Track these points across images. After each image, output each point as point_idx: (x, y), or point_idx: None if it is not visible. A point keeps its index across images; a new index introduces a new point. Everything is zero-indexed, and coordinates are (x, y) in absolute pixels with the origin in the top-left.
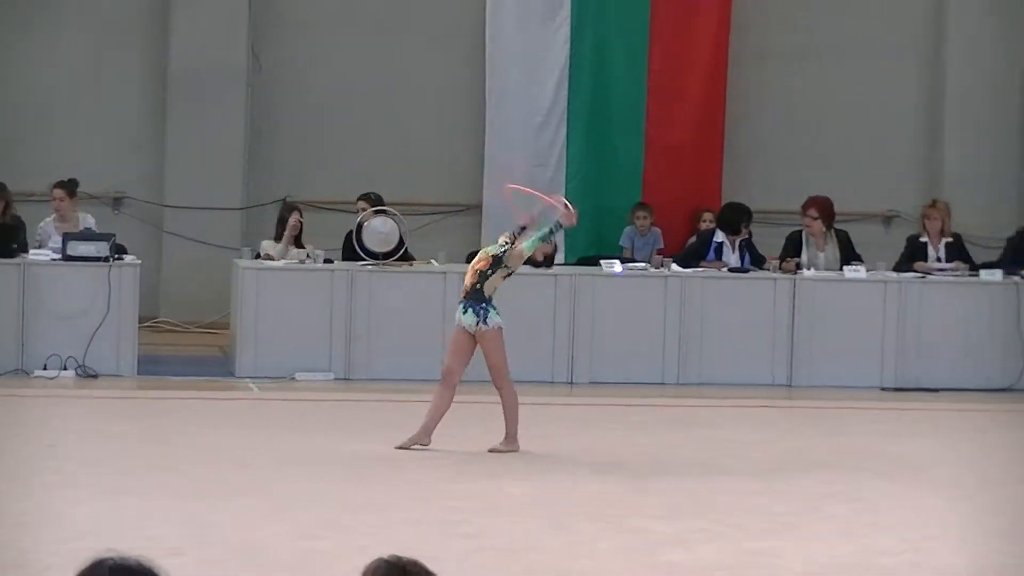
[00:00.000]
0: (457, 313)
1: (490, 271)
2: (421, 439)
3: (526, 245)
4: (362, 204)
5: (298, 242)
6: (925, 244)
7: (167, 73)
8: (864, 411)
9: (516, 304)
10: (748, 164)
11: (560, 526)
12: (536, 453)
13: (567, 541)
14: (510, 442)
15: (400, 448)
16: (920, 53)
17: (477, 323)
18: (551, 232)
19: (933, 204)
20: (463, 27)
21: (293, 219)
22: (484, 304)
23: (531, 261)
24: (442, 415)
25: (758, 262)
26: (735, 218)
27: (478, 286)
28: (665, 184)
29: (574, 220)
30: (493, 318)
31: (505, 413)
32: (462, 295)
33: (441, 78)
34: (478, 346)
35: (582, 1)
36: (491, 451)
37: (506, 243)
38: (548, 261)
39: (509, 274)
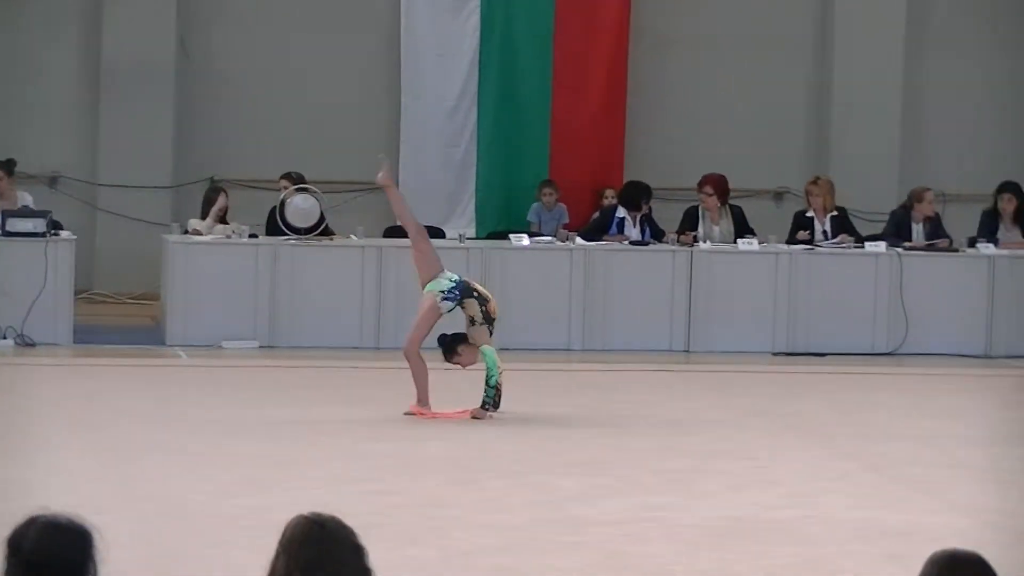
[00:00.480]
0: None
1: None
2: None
3: (487, 353)
4: (284, 183)
5: (223, 219)
6: (812, 219)
7: (100, 61)
8: (756, 374)
9: None
10: (648, 143)
11: (471, 483)
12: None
13: (478, 497)
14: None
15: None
16: (809, 39)
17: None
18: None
19: (815, 181)
20: (379, 17)
21: (221, 201)
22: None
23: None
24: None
25: (658, 236)
26: (636, 195)
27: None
28: (570, 162)
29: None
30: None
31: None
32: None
33: (358, 64)
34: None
35: None
36: (407, 414)
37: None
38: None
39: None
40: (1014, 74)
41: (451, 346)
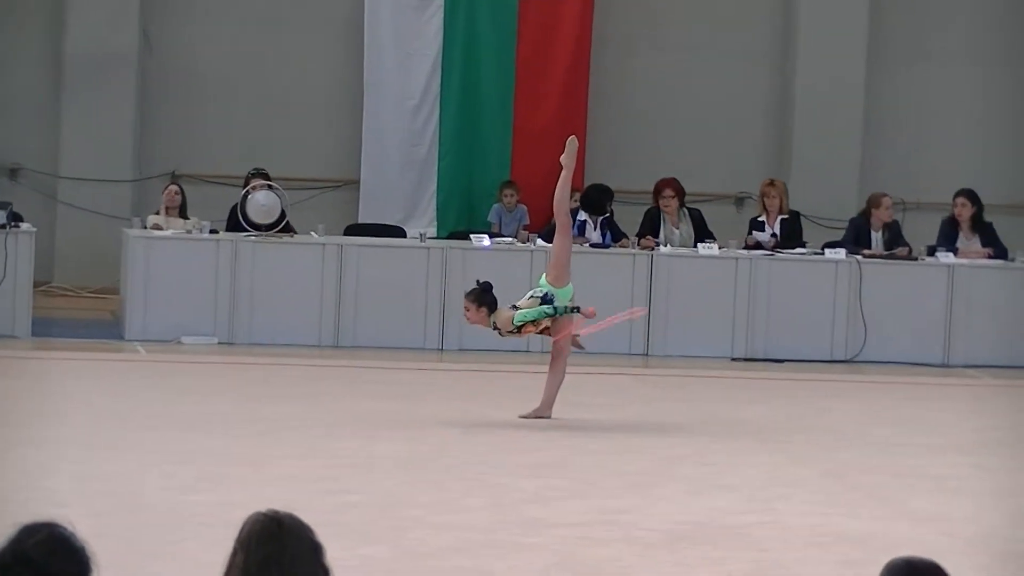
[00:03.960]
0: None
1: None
2: (543, 412)
3: (518, 315)
4: (257, 181)
5: (184, 214)
6: (763, 222)
7: (63, 53)
8: (714, 380)
9: (391, 275)
10: (609, 146)
11: (429, 483)
12: (408, 416)
13: (435, 498)
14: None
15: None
16: (771, 45)
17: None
18: (553, 312)
19: (771, 183)
20: (343, 15)
21: (168, 192)
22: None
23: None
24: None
25: (618, 239)
26: (598, 199)
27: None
28: (531, 164)
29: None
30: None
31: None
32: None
33: (322, 62)
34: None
35: None
36: (521, 416)
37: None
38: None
39: (497, 331)
40: (975, 83)
41: (482, 298)
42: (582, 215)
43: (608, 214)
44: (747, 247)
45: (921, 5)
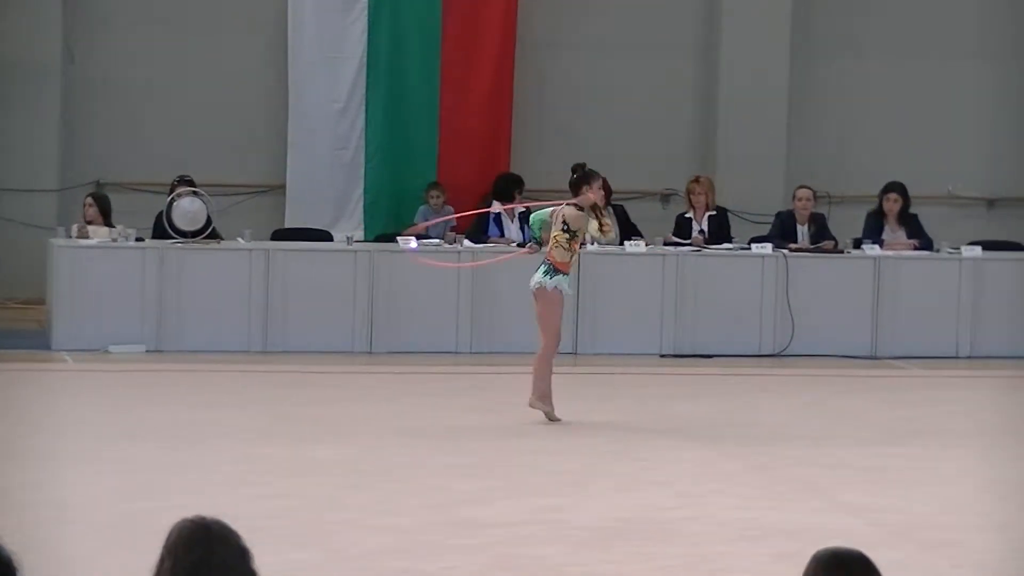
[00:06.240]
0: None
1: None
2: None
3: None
4: (182, 189)
5: (108, 222)
6: (690, 219)
7: None
8: (643, 376)
9: (319, 279)
10: (535, 146)
11: (363, 486)
12: (340, 419)
13: (369, 500)
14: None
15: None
16: (695, 41)
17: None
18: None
19: (697, 180)
20: (266, 18)
21: (84, 206)
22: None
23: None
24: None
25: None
26: (505, 187)
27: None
28: (457, 165)
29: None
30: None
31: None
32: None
33: (246, 67)
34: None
35: None
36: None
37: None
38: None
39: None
40: (898, 75)
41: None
42: (496, 207)
43: (524, 209)
44: (667, 243)
45: None
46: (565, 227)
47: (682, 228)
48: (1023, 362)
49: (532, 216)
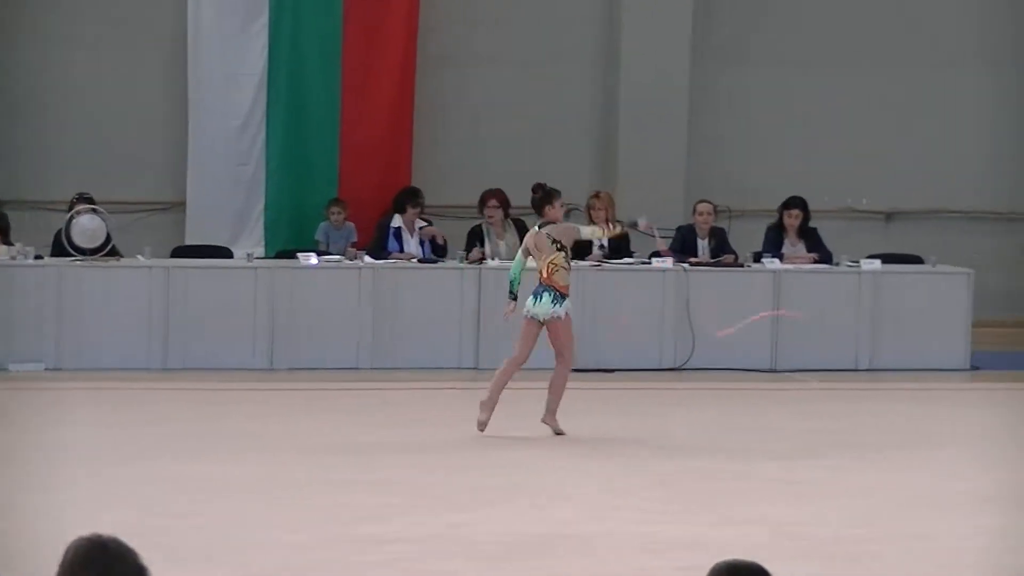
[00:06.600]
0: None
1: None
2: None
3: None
4: (81, 206)
5: (7, 239)
6: None
7: None
8: (544, 391)
9: (220, 296)
10: (437, 162)
11: (271, 504)
12: (244, 436)
13: (277, 518)
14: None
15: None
16: (594, 54)
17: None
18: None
19: (597, 195)
20: (165, 34)
21: None
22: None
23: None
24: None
25: (439, 252)
26: (399, 199)
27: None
28: (358, 181)
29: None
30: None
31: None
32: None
33: (145, 83)
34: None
35: (279, 9)
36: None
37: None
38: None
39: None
40: (801, 86)
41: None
42: (396, 221)
43: (424, 223)
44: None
45: (744, 7)
46: (560, 246)
47: (582, 244)
48: (922, 374)
49: (511, 271)
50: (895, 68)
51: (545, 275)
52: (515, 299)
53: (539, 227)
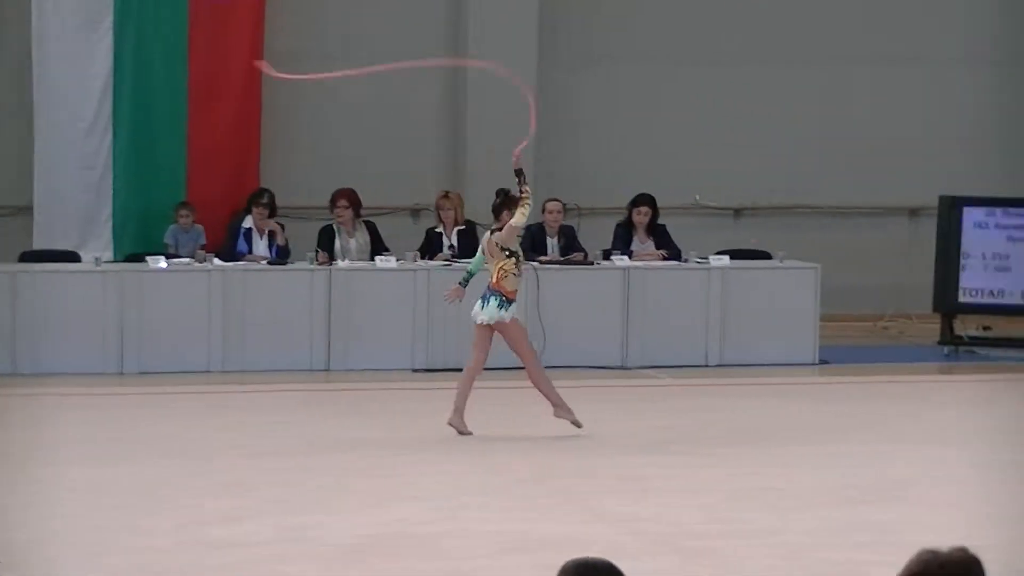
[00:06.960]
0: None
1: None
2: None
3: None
4: None
5: None
6: (440, 233)
7: None
8: (396, 391)
9: (68, 301)
10: (285, 163)
11: (118, 508)
12: (94, 440)
13: (123, 522)
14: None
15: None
16: (443, 54)
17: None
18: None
19: (446, 195)
20: (9, 35)
21: None
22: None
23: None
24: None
25: (284, 255)
26: (249, 199)
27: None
28: (206, 183)
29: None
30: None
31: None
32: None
33: None
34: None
35: (124, 11)
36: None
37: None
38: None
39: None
40: (644, 86)
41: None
42: (247, 222)
43: (275, 226)
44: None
45: (590, 5)
46: (508, 252)
47: (432, 243)
48: (771, 369)
49: (472, 264)
50: (741, 65)
51: (494, 280)
52: (463, 286)
53: (491, 232)
